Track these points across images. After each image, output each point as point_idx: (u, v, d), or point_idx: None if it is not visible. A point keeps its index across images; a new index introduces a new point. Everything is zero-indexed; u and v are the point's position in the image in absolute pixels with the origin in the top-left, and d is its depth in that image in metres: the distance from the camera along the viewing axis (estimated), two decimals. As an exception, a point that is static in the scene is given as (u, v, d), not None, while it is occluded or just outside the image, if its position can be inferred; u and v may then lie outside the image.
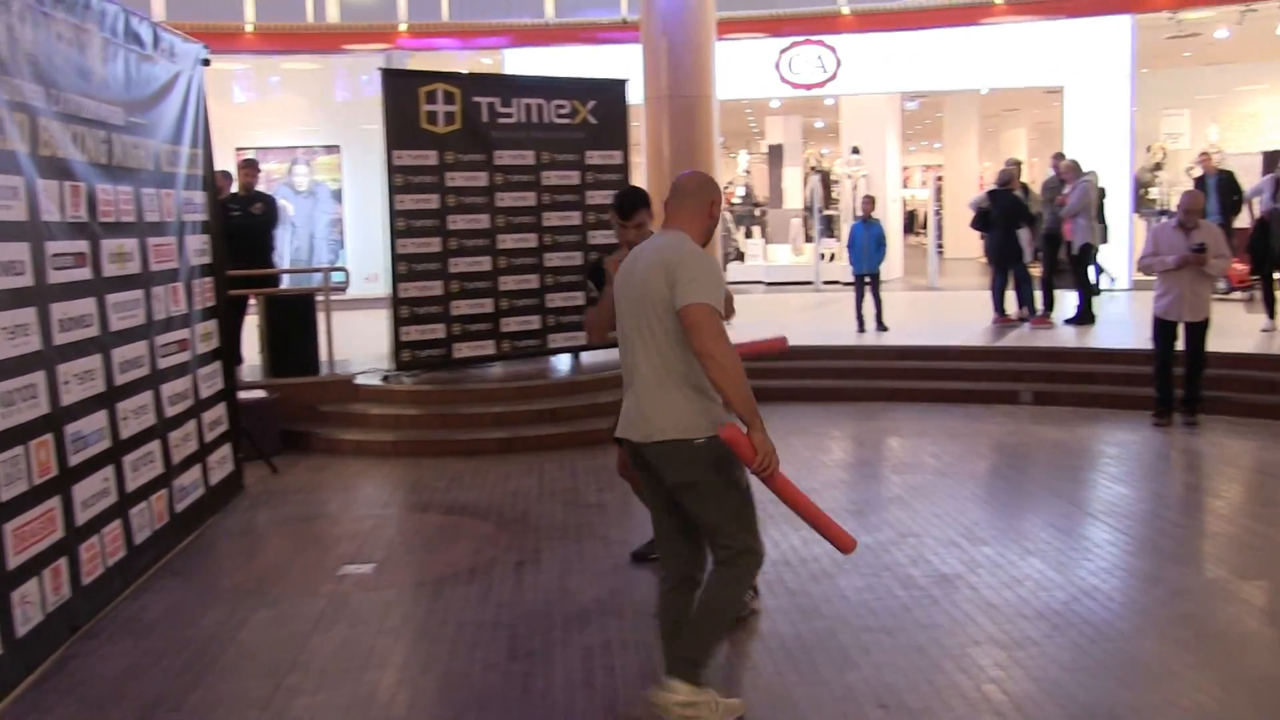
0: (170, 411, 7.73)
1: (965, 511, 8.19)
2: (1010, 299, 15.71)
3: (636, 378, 4.68)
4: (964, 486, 8.94)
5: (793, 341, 5.88)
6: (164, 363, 7.70)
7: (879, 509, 8.23)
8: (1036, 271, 16.36)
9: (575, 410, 11.07)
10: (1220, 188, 17.86)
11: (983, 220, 15.82)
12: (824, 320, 16.73)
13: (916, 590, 6.53)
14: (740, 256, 26.04)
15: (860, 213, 15.67)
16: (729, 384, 4.32)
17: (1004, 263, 15.54)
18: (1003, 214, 15.32)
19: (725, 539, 4.61)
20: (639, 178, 15.42)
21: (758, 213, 28.39)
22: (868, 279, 15.24)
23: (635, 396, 4.71)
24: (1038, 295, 15.80)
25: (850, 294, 15.88)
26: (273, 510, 8.85)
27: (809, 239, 24.95)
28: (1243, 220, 17.70)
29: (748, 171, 28.33)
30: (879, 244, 15.34)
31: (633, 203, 6.14)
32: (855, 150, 24.60)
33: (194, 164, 8.59)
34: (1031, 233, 15.97)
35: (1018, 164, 17.18)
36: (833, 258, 23.79)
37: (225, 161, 15.10)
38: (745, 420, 4.36)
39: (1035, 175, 29.88)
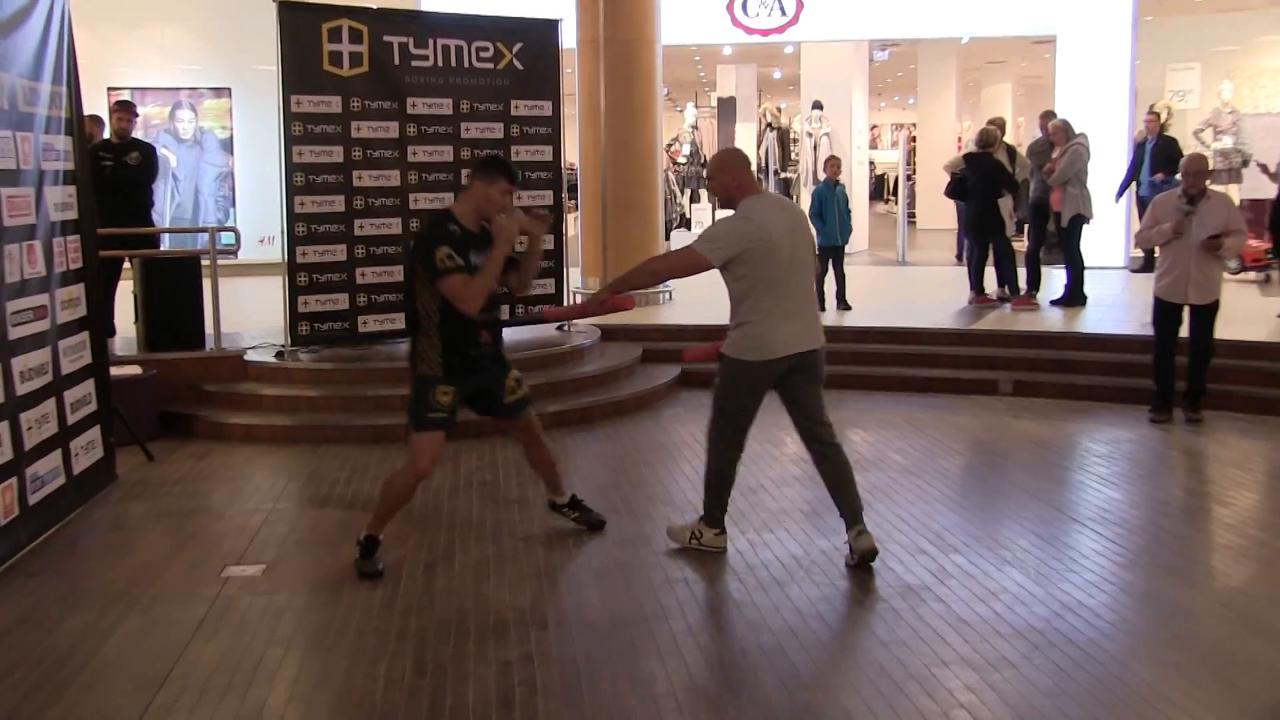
0: (22, 388, 7.57)
1: (935, 515, 8.18)
2: (990, 276, 15.69)
3: (803, 303, 6.99)
4: (933, 487, 8.92)
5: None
6: (16, 332, 7.55)
7: (836, 510, 8.18)
8: (1020, 246, 16.29)
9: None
10: (1158, 155, 17.83)
11: (959, 188, 15.85)
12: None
13: (879, 602, 6.52)
14: (685, 223, 25.94)
15: (825, 175, 15.61)
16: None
17: (983, 235, 15.50)
18: (982, 180, 15.29)
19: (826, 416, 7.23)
20: (571, 131, 15.34)
21: (705, 174, 27.84)
22: (831, 252, 15.17)
23: (804, 319, 7.05)
24: (1021, 273, 15.73)
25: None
26: (148, 503, 8.72)
27: None
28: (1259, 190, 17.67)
29: (695, 127, 28.16)
30: (844, 214, 15.34)
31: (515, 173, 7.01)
32: (817, 105, 24.62)
33: (56, 104, 8.41)
34: (1015, 202, 15.95)
35: (1001, 124, 17.17)
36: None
37: (96, 104, 14.86)
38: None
39: (1022, 137, 30.14)
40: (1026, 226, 16.81)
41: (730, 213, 6.96)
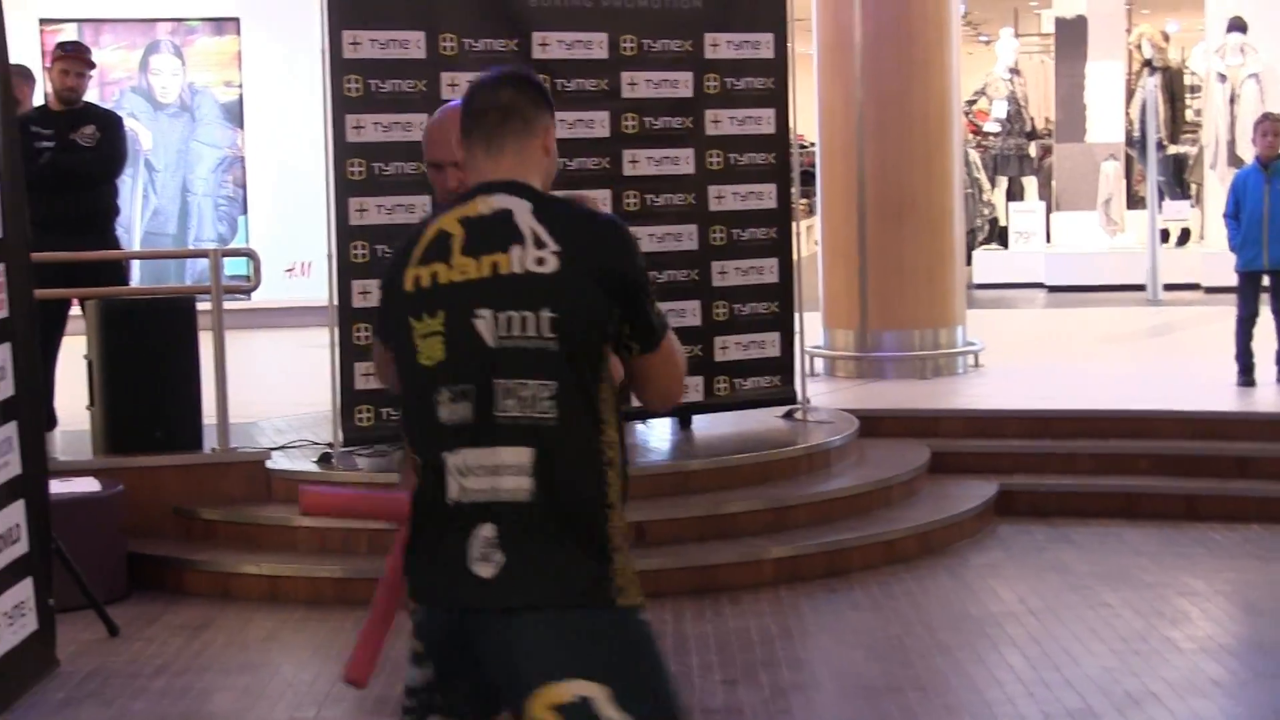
0: None
1: None
2: None
3: None
4: None
5: (1091, 400, 5.96)
6: None
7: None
8: None
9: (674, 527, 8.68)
10: None
11: None
12: (1159, 361, 13.44)
13: None
14: (999, 235, 20.99)
15: (1254, 148, 11.79)
16: None
17: None
18: None
19: None
20: (805, 83, 12.21)
21: (1034, 150, 22.12)
22: (1267, 280, 11.49)
23: None
24: None
25: (1228, 309, 12.10)
26: (109, 711, 6.95)
27: (1136, 202, 20.17)
28: None
29: (1014, 71, 22.04)
30: None
31: None
32: (1237, 26, 18.54)
33: None
34: None
35: None
36: (1186, 238, 19.26)
37: (23, 48, 12.21)
38: None
39: None
40: None
41: None
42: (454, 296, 3.43)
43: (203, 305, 9.81)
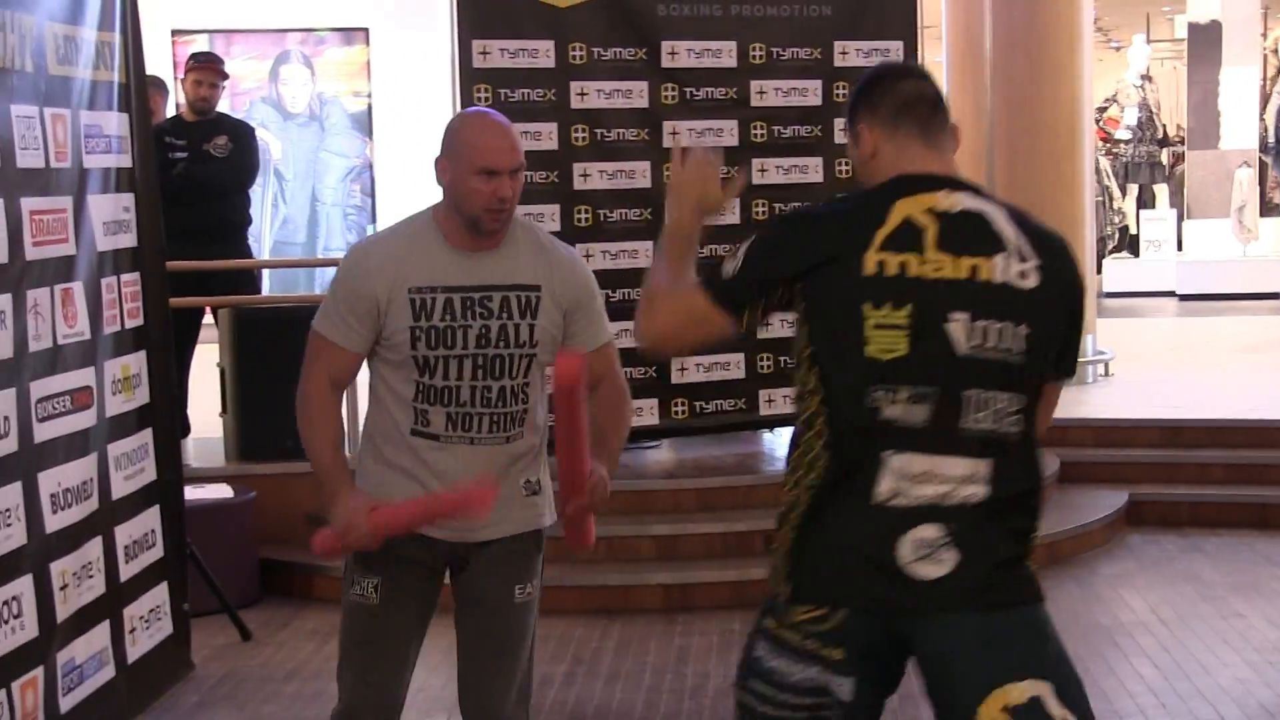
0: (53, 523, 6.03)
1: None
2: None
3: None
4: None
5: (1223, 409, 5.51)
6: (45, 431, 6.02)
7: None
8: None
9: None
10: None
11: None
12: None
13: None
14: (1129, 242, 20.76)
15: None
16: None
17: None
18: None
19: None
20: (943, 84, 12.26)
21: (1165, 158, 22.04)
22: None
23: None
24: None
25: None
26: (242, 714, 6.96)
27: (1270, 210, 20.04)
28: None
29: (1146, 78, 21.92)
30: None
31: None
32: None
33: (105, 61, 6.77)
34: None
35: None
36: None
37: (157, 60, 12.17)
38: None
39: None
40: None
41: None
42: (926, 293, 3.16)
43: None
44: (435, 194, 4.68)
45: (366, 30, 17.53)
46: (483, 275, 4.08)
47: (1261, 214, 19.67)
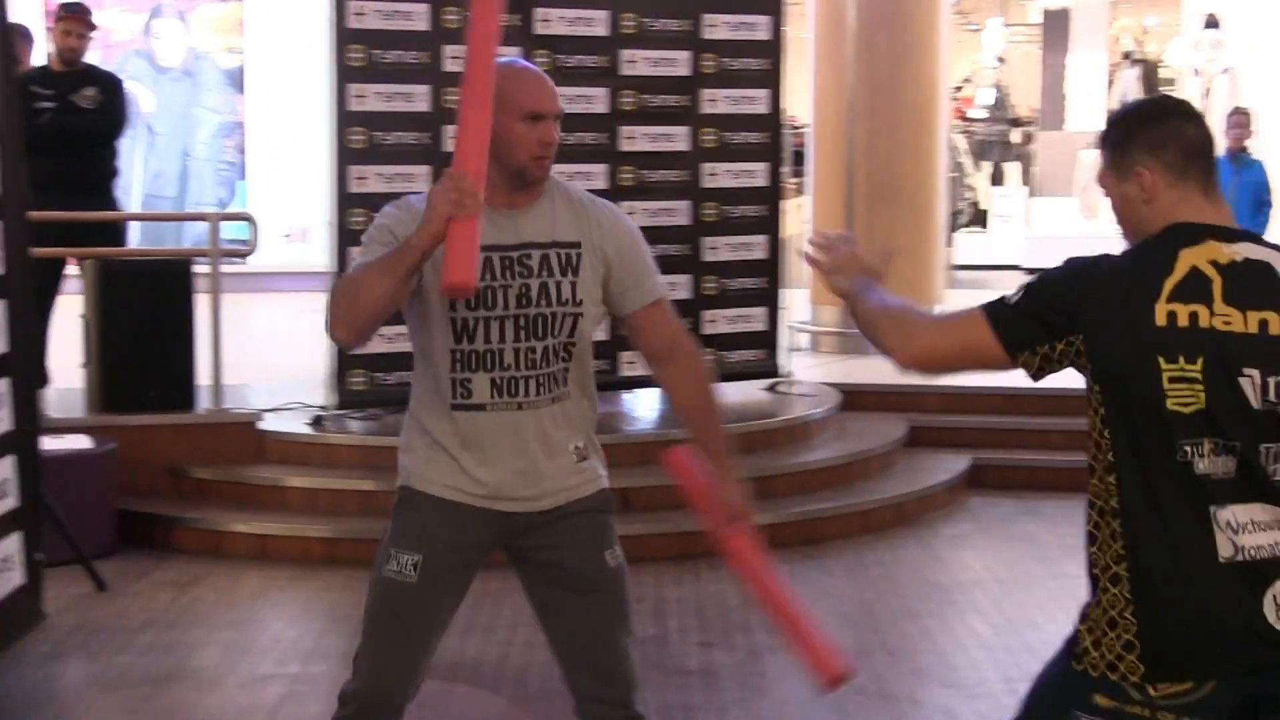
0: None
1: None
2: None
3: None
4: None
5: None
6: None
7: None
8: None
9: (657, 494, 8.46)
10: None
11: None
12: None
13: None
14: (980, 218, 21.42)
15: (1227, 142, 12.30)
16: None
17: None
18: None
19: None
20: (799, 67, 12.46)
21: (1016, 137, 22.88)
22: None
23: None
24: None
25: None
26: (94, 663, 6.98)
27: None
28: None
29: (1000, 60, 22.79)
30: (1259, 203, 12.10)
31: None
32: (1212, 24, 19.30)
33: None
34: None
35: None
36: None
37: (26, 9, 12.36)
38: None
39: None
40: None
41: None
42: (1217, 346, 3.00)
43: (200, 268, 9.78)
44: (307, 153, 4.73)
45: (240, -14, 17.41)
46: (521, 233, 3.86)
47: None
